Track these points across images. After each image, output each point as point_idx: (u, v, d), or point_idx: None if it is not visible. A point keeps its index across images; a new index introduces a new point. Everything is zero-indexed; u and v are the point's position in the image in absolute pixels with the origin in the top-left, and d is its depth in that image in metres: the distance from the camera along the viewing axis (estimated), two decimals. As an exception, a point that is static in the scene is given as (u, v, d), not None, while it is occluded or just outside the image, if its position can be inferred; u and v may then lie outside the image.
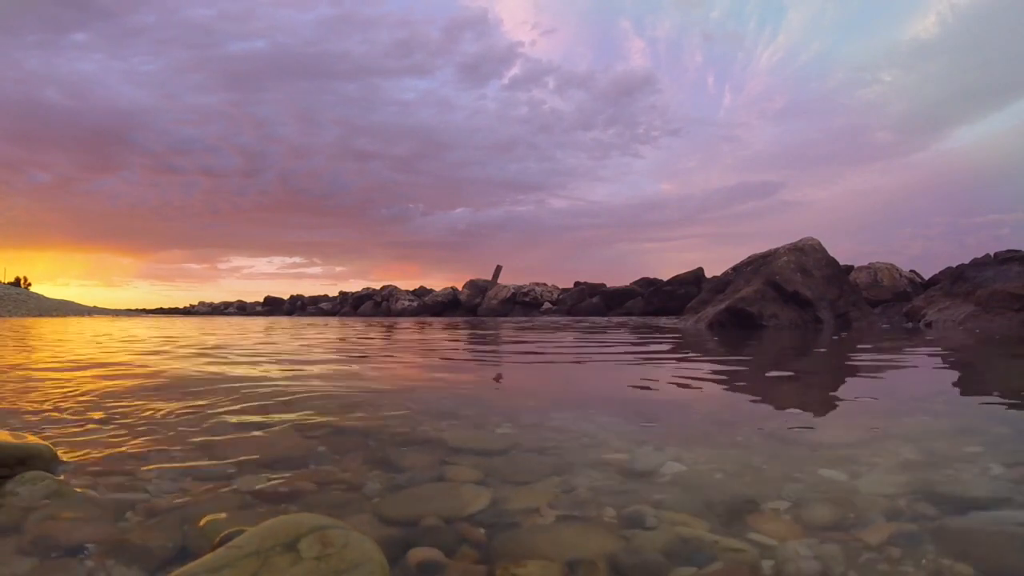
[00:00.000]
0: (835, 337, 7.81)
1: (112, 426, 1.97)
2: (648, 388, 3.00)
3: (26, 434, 1.75)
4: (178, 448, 1.68)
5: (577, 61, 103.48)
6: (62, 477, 1.40)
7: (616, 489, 1.29)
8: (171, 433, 1.86)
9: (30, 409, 2.28)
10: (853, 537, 1.03)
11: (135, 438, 1.81)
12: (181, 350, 5.52)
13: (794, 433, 1.80)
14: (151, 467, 1.49)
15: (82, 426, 1.97)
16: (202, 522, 1.13)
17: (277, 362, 4.25)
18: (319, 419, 2.03)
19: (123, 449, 1.69)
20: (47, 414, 2.18)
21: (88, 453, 1.63)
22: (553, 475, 1.38)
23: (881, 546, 1.00)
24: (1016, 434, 1.77)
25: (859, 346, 6.27)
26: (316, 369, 3.78)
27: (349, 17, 78.70)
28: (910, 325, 12.27)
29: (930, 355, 5.02)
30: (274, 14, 77.76)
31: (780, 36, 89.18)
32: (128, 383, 3.05)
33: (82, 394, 2.64)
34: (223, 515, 1.17)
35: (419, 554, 1.00)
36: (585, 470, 1.42)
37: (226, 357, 4.68)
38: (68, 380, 3.14)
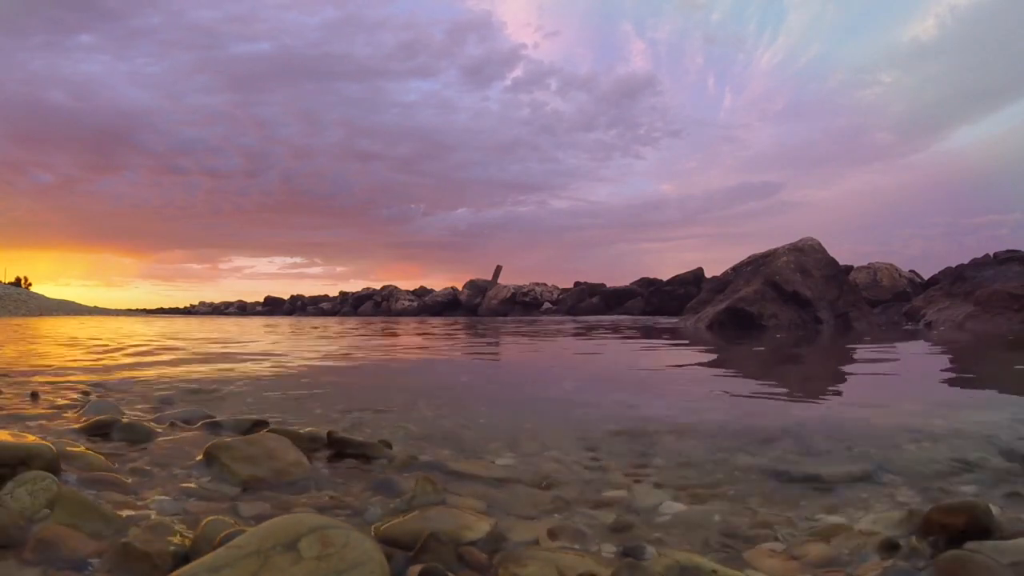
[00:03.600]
0: (825, 340, 7.79)
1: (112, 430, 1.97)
2: (647, 406, 2.99)
3: (27, 435, 1.75)
4: (180, 465, 1.67)
5: (579, 63, 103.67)
6: (63, 480, 1.39)
7: (616, 525, 1.31)
8: (173, 442, 1.86)
9: (31, 413, 2.28)
10: (848, 574, 1.04)
11: (137, 446, 1.81)
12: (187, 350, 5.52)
13: (791, 466, 1.80)
14: (154, 487, 1.48)
15: (85, 434, 1.96)
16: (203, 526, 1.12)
17: (277, 375, 4.23)
18: (320, 438, 2.01)
19: (124, 455, 1.69)
20: (47, 417, 2.18)
21: (89, 462, 1.62)
22: (553, 512, 1.40)
23: None
24: (1015, 468, 1.76)
25: (858, 350, 6.26)
26: (315, 382, 3.77)
27: (353, 19, 78.80)
28: (909, 325, 12.27)
29: (929, 361, 5.02)
30: (278, 16, 77.83)
31: (780, 38, 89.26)
32: (127, 384, 3.04)
33: (83, 396, 2.63)
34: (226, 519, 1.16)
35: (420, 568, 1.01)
36: (584, 508, 1.43)
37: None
38: (68, 382, 3.12)
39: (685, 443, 2.11)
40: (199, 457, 1.67)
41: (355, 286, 49.69)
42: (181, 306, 60.60)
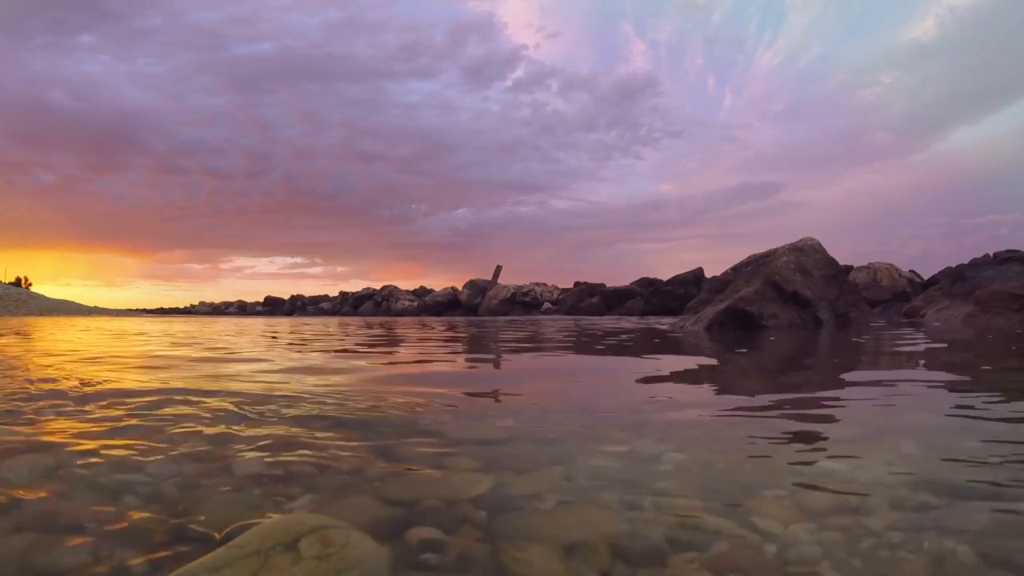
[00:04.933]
0: (825, 338, 7.81)
1: (111, 411, 1.98)
2: (648, 382, 3.01)
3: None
4: (177, 433, 1.68)
5: (580, 64, 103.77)
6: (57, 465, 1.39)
7: (617, 477, 1.29)
8: (170, 420, 1.87)
9: (35, 393, 2.29)
10: (854, 523, 1.04)
11: (134, 423, 1.81)
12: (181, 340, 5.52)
13: (795, 427, 1.81)
14: (150, 454, 1.49)
15: (82, 411, 1.97)
16: (202, 507, 1.13)
17: (278, 356, 4.25)
18: (319, 411, 2.03)
19: (122, 431, 1.70)
20: (49, 400, 2.19)
21: (87, 437, 1.64)
22: (554, 464, 1.39)
23: (882, 531, 1.00)
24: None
25: (857, 346, 6.27)
26: (315, 364, 3.79)
27: (355, 21, 78.80)
28: (908, 324, 12.28)
29: (928, 353, 5.03)
30: (281, 17, 77.87)
31: (780, 39, 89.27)
32: (127, 373, 3.05)
33: (82, 381, 2.64)
34: (223, 499, 1.17)
35: (420, 532, 1.00)
36: (586, 460, 1.42)
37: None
38: (68, 368, 3.13)
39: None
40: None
41: (355, 286, 49.76)
42: (181, 306, 60.64)
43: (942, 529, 1.01)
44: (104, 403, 2.18)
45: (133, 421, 1.86)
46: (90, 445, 1.55)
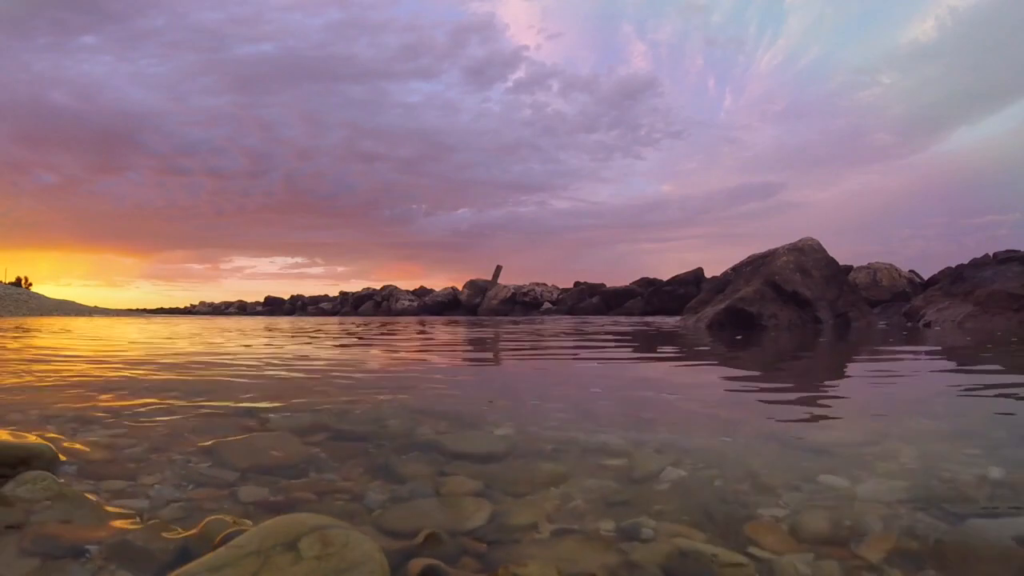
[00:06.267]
0: (825, 338, 7.80)
1: (113, 427, 1.97)
2: (648, 387, 3.01)
3: (27, 434, 1.75)
4: (178, 451, 1.68)
5: (580, 64, 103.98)
6: (63, 480, 1.40)
7: (615, 499, 1.29)
8: (172, 433, 1.87)
9: (32, 406, 2.28)
10: (851, 552, 1.03)
11: (136, 439, 1.81)
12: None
13: (793, 437, 1.80)
14: (152, 472, 1.49)
15: (83, 425, 1.97)
16: (203, 525, 1.13)
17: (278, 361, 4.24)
18: (320, 422, 2.03)
19: (124, 452, 1.70)
20: (48, 412, 2.18)
21: (89, 453, 1.64)
22: (551, 484, 1.38)
23: (879, 561, 1.00)
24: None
25: (857, 347, 6.28)
26: (314, 369, 3.79)
27: (357, 21, 78.77)
28: (909, 325, 12.27)
29: (929, 355, 5.03)
30: (282, 18, 77.91)
31: (780, 40, 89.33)
32: (127, 379, 3.05)
33: (82, 390, 2.64)
34: (225, 519, 1.17)
35: (421, 564, 1.01)
36: (584, 478, 1.41)
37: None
38: (68, 377, 3.13)
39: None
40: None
41: (356, 286, 49.80)
42: (181, 306, 60.68)
43: (940, 557, 1.01)
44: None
45: (125, 428, 1.86)
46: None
